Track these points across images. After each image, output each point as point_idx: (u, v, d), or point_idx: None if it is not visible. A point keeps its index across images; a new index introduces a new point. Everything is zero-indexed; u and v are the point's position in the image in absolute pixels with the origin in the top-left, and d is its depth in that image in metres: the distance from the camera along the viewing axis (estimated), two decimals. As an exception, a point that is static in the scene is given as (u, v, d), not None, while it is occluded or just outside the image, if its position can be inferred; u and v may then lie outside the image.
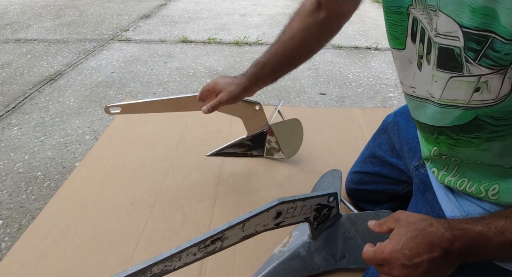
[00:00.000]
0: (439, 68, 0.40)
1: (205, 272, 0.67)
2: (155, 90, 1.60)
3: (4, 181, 1.02)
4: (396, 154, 0.70)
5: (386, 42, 2.35)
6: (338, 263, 0.62)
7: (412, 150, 0.62)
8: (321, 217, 0.57)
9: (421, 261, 0.37)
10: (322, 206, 0.55)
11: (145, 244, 0.73)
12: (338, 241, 0.61)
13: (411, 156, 0.62)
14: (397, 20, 0.44)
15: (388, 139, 0.73)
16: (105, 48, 2.11)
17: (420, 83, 0.46)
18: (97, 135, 1.23)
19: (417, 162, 0.60)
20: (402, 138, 0.67)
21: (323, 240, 0.60)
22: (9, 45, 2.17)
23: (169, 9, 3.08)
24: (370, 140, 0.80)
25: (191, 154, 1.00)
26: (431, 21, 0.39)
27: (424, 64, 0.43)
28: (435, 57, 0.41)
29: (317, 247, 0.60)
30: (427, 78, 0.44)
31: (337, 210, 0.59)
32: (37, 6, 3.11)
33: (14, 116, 1.37)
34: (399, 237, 0.39)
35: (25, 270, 0.67)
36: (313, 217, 0.56)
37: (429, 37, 0.41)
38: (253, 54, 2.03)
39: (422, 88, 0.46)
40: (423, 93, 0.46)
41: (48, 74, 1.75)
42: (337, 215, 0.60)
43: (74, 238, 0.74)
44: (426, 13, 0.39)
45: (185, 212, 0.81)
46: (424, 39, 0.42)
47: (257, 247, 0.72)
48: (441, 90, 0.41)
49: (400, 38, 0.46)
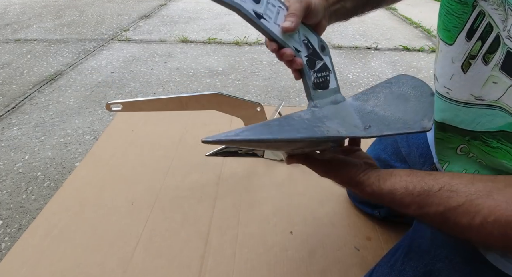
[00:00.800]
0: (503, 71, 0.36)
1: (205, 271, 0.67)
2: (155, 90, 1.60)
3: (4, 181, 1.02)
4: (401, 158, 0.69)
5: (386, 42, 2.36)
6: (365, 132, 0.48)
7: (423, 156, 0.60)
8: (317, 71, 0.49)
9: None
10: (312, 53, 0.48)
11: (145, 244, 0.73)
12: (352, 114, 0.50)
13: (422, 162, 0.60)
14: (456, 10, 0.40)
15: (393, 143, 0.72)
16: (105, 48, 2.11)
17: (458, 86, 0.42)
18: (97, 135, 1.23)
19: (428, 168, 0.58)
20: (411, 142, 0.65)
21: (331, 111, 0.49)
22: (9, 45, 2.17)
23: (169, 9, 3.08)
24: (375, 142, 0.79)
25: (191, 154, 1.00)
26: (507, 20, 0.35)
27: (475, 65, 0.39)
28: (500, 59, 0.36)
29: (325, 114, 0.47)
30: (475, 80, 0.40)
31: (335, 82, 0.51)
32: (37, 6, 3.11)
33: (14, 116, 1.37)
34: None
35: (25, 270, 0.67)
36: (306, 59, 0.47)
37: (498, 36, 0.36)
38: (253, 54, 2.03)
39: (460, 91, 0.42)
40: (461, 96, 0.42)
41: (48, 74, 1.75)
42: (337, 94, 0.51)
43: (74, 238, 0.74)
44: (502, 10, 0.35)
45: (185, 212, 0.81)
46: (487, 37, 0.38)
47: (257, 247, 0.72)
48: (500, 93, 0.37)
49: (453, 31, 0.41)
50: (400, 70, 1.86)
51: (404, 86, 0.53)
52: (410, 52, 2.15)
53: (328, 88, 0.51)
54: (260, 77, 1.74)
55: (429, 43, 2.32)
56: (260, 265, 0.68)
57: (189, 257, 0.70)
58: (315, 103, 0.49)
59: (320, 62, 0.49)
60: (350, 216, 0.79)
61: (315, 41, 0.49)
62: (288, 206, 0.82)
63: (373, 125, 0.48)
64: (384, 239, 0.74)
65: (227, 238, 0.74)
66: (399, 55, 2.09)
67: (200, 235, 0.75)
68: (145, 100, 0.81)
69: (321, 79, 0.50)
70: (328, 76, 0.50)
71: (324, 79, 0.50)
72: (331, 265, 0.68)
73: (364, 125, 0.48)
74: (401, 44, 2.25)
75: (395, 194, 0.38)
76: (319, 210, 0.81)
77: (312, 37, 0.49)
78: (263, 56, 2.02)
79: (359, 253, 0.71)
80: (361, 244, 0.73)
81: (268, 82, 1.69)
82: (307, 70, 0.48)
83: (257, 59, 1.96)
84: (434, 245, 0.50)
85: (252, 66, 1.87)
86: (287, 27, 0.44)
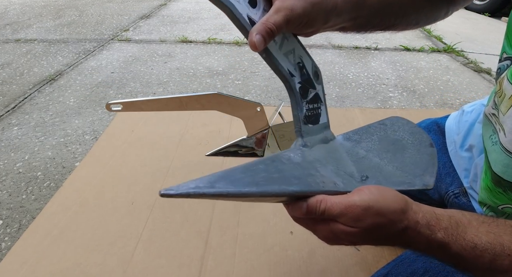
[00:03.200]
0: None
1: (205, 271, 0.67)
2: (155, 90, 1.60)
3: (4, 181, 1.02)
4: None
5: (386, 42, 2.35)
6: (362, 185, 0.38)
7: (450, 175, 0.58)
8: (309, 101, 0.42)
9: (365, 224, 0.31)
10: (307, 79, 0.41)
11: (145, 244, 0.73)
12: (346, 159, 0.43)
13: (449, 182, 0.58)
14: None
15: None
16: (105, 48, 2.11)
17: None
18: (97, 135, 1.23)
19: (457, 189, 0.56)
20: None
21: (322, 153, 0.42)
22: (9, 45, 2.17)
23: (169, 9, 3.08)
24: None
25: (191, 154, 1.00)
26: None
27: None
28: None
29: (317, 157, 0.40)
30: None
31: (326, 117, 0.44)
32: (37, 6, 3.11)
33: (14, 116, 1.37)
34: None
35: (25, 270, 0.67)
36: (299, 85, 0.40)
37: None
38: (253, 54, 2.03)
39: None
40: None
41: (48, 74, 1.75)
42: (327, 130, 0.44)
43: (74, 238, 0.74)
44: None
45: (185, 212, 0.81)
46: None
47: (257, 247, 0.72)
48: None
49: None
50: (400, 70, 1.86)
51: (400, 130, 0.47)
52: (410, 52, 2.15)
53: (319, 122, 0.43)
54: (260, 77, 1.74)
55: (429, 43, 2.32)
56: (260, 265, 0.68)
57: (189, 257, 0.70)
58: (305, 141, 0.41)
59: (312, 91, 0.42)
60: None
61: (309, 66, 0.42)
62: (288, 206, 0.82)
63: (371, 176, 0.41)
64: (384, 239, 0.74)
65: (227, 238, 0.74)
66: (399, 55, 2.09)
67: (200, 235, 0.75)
68: (145, 100, 0.81)
69: (313, 111, 0.43)
70: (320, 108, 0.44)
71: (315, 111, 0.43)
72: (331, 265, 0.68)
73: (361, 174, 0.41)
74: (401, 44, 2.25)
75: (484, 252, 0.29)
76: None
77: (307, 61, 0.42)
78: (263, 56, 2.02)
79: (359, 253, 0.71)
80: (361, 244, 0.73)
81: (268, 82, 1.69)
82: (299, 99, 0.40)
83: (257, 59, 1.96)
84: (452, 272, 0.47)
85: (252, 66, 1.87)
86: (253, 43, 0.32)
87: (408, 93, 1.61)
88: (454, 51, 2.13)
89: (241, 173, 0.31)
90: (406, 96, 1.58)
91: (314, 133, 0.42)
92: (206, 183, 0.27)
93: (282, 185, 0.31)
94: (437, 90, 1.64)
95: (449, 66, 1.94)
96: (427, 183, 0.40)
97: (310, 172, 0.36)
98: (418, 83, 1.72)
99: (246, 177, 0.31)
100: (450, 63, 1.98)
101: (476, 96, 1.60)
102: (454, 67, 1.92)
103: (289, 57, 0.39)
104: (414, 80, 1.75)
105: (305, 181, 0.34)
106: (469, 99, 1.57)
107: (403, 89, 1.64)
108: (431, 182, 0.40)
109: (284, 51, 0.39)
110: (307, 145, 0.41)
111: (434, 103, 1.53)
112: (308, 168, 0.37)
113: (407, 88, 1.66)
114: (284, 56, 0.39)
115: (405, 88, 1.66)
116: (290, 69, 0.39)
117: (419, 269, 0.49)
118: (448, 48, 2.17)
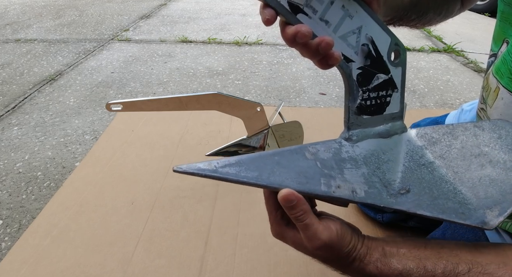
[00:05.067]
0: None
1: (205, 271, 0.67)
2: (155, 90, 1.60)
3: (4, 181, 1.02)
4: None
5: (386, 42, 2.36)
6: (393, 199, 0.32)
7: None
8: (372, 89, 0.34)
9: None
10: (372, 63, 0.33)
11: (145, 244, 0.73)
12: (396, 163, 0.34)
13: None
14: None
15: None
16: (105, 48, 2.11)
17: None
18: (97, 135, 1.23)
19: None
20: None
21: (368, 150, 0.34)
22: (9, 45, 2.17)
23: (169, 9, 3.08)
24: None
25: (191, 154, 1.00)
26: None
27: None
28: None
29: (354, 156, 0.33)
30: None
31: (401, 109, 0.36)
32: (37, 6, 3.11)
33: (14, 116, 1.37)
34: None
35: (25, 270, 0.67)
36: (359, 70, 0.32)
37: None
38: (253, 54, 2.03)
39: None
40: None
41: (48, 74, 1.75)
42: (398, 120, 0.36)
43: (74, 238, 0.74)
44: None
45: (185, 212, 0.81)
46: None
47: (257, 247, 0.72)
48: None
49: None
50: (400, 70, 1.86)
51: (498, 142, 0.36)
52: (410, 52, 2.15)
53: (383, 112, 0.35)
54: (260, 77, 1.74)
55: (429, 43, 2.32)
56: (260, 265, 0.68)
57: (189, 257, 0.70)
58: (351, 134, 0.34)
59: (381, 77, 0.34)
60: (350, 216, 0.79)
61: (385, 45, 0.33)
62: (288, 206, 0.82)
63: (414, 192, 0.32)
64: (384, 239, 0.74)
65: (227, 238, 0.74)
66: (399, 55, 2.09)
67: (200, 235, 0.75)
68: (145, 100, 0.81)
69: (375, 100, 0.34)
70: (389, 96, 0.35)
71: (380, 100, 0.34)
72: (331, 265, 0.68)
73: (403, 186, 0.32)
74: (401, 44, 2.25)
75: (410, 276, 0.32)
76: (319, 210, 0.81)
77: (382, 39, 0.32)
78: (263, 56, 2.02)
79: (359, 253, 0.71)
80: (361, 244, 0.73)
81: (268, 82, 1.69)
82: (355, 87, 0.33)
83: (257, 59, 1.96)
84: None
85: (252, 66, 1.87)
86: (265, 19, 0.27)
87: (408, 93, 1.61)
88: (454, 51, 2.13)
89: (250, 161, 0.30)
90: (406, 96, 1.58)
91: (370, 124, 0.35)
92: (213, 167, 0.29)
93: (287, 179, 0.30)
94: (437, 90, 1.64)
95: (449, 66, 1.94)
96: (486, 220, 0.30)
97: (330, 172, 0.31)
98: (418, 83, 1.72)
99: (253, 166, 0.30)
100: (450, 63, 1.98)
101: (476, 96, 1.60)
102: (454, 67, 1.92)
103: (348, 40, 0.31)
104: (414, 80, 1.75)
105: (314, 181, 0.30)
106: (469, 99, 1.57)
107: (403, 89, 1.64)
108: (492, 222, 0.30)
109: (341, 33, 0.30)
110: (351, 139, 0.34)
111: (434, 103, 1.53)
112: (331, 168, 0.31)
113: (407, 88, 1.66)
114: (341, 40, 0.31)
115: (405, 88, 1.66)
116: (347, 54, 0.31)
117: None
118: (448, 48, 2.17)
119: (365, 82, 0.33)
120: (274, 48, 2.14)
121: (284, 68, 1.84)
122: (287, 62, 1.93)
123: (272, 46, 2.18)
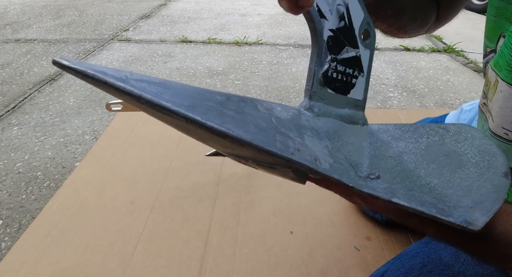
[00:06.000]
0: None
1: (205, 271, 0.67)
2: (155, 90, 1.60)
3: (4, 181, 1.02)
4: None
5: (386, 42, 2.35)
6: (362, 182, 0.27)
7: None
8: (340, 61, 0.31)
9: None
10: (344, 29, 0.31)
11: (145, 244, 0.73)
12: (361, 149, 0.31)
13: None
14: None
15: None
16: (105, 48, 2.11)
17: None
18: (97, 135, 1.23)
19: None
20: None
21: (329, 127, 0.30)
22: (9, 45, 2.17)
23: (169, 9, 3.08)
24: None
25: (191, 154, 1.00)
26: None
27: None
28: None
29: (314, 127, 0.29)
30: None
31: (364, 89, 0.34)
32: (37, 6, 3.11)
33: (14, 116, 1.37)
34: None
35: (25, 270, 0.67)
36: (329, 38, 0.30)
37: None
38: (253, 54, 2.03)
39: None
40: None
41: (48, 74, 1.75)
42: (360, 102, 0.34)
43: (74, 238, 0.74)
44: None
45: (185, 212, 0.81)
46: None
47: (257, 247, 0.72)
48: None
49: None
50: (400, 70, 1.86)
51: (465, 143, 0.34)
52: (410, 52, 2.15)
53: (347, 94, 0.33)
54: (260, 77, 1.74)
55: (429, 43, 2.32)
56: (260, 265, 0.68)
57: (189, 257, 0.70)
58: (312, 105, 0.30)
59: (351, 51, 0.32)
60: (350, 216, 0.79)
61: (358, 19, 0.31)
62: (288, 206, 0.82)
63: (384, 177, 0.28)
64: (384, 239, 0.74)
65: (227, 238, 0.74)
66: (399, 55, 2.09)
67: (200, 235, 0.75)
68: None
69: (342, 76, 0.32)
70: (356, 77, 0.33)
71: (346, 78, 0.32)
72: (331, 265, 0.68)
73: (371, 171, 0.28)
74: (401, 44, 2.25)
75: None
76: (319, 210, 0.81)
77: (357, 11, 0.31)
78: (263, 56, 2.02)
79: (359, 253, 0.71)
80: (361, 244, 0.73)
81: (268, 82, 1.69)
82: (323, 50, 0.30)
83: (257, 59, 1.96)
84: (460, 260, 0.47)
85: (252, 66, 1.87)
86: None
87: (408, 93, 1.61)
88: (454, 51, 2.13)
89: (182, 89, 0.20)
90: (406, 96, 1.58)
91: (333, 103, 0.32)
92: (122, 75, 0.17)
93: (235, 125, 0.20)
94: (437, 90, 1.64)
95: (449, 66, 1.94)
96: (470, 220, 0.26)
97: (288, 133, 0.24)
98: (418, 83, 1.72)
99: (183, 95, 0.20)
100: (450, 63, 1.98)
101: (476, 96, 1.60)
102: (454, 67, 1.92)
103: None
104: (414, 80, 1.75)
105: (268, 135, 0.22)
106: (469, 99, 1.57)
107: (403, 89, 1.64)
108: (478, 222, 0.26)
109: None
110: (312, 110, 0.30)
111: (434, 103, 1.53)
112: (289, 129, 0.25)
113: (407, 88, 1.66)
114: None
115: (405, 88, 1.66)
116: (321, 8, 0.28)
117: (417, 265, 0.49)
118: (448, 48, 2.17)
119: (335, 49, 0.31)
120: (274, 48, 2.14)
121: (284, 68, 1.84)
122: (287, 62, 1.93)
123: (272, 46, 2.18)
